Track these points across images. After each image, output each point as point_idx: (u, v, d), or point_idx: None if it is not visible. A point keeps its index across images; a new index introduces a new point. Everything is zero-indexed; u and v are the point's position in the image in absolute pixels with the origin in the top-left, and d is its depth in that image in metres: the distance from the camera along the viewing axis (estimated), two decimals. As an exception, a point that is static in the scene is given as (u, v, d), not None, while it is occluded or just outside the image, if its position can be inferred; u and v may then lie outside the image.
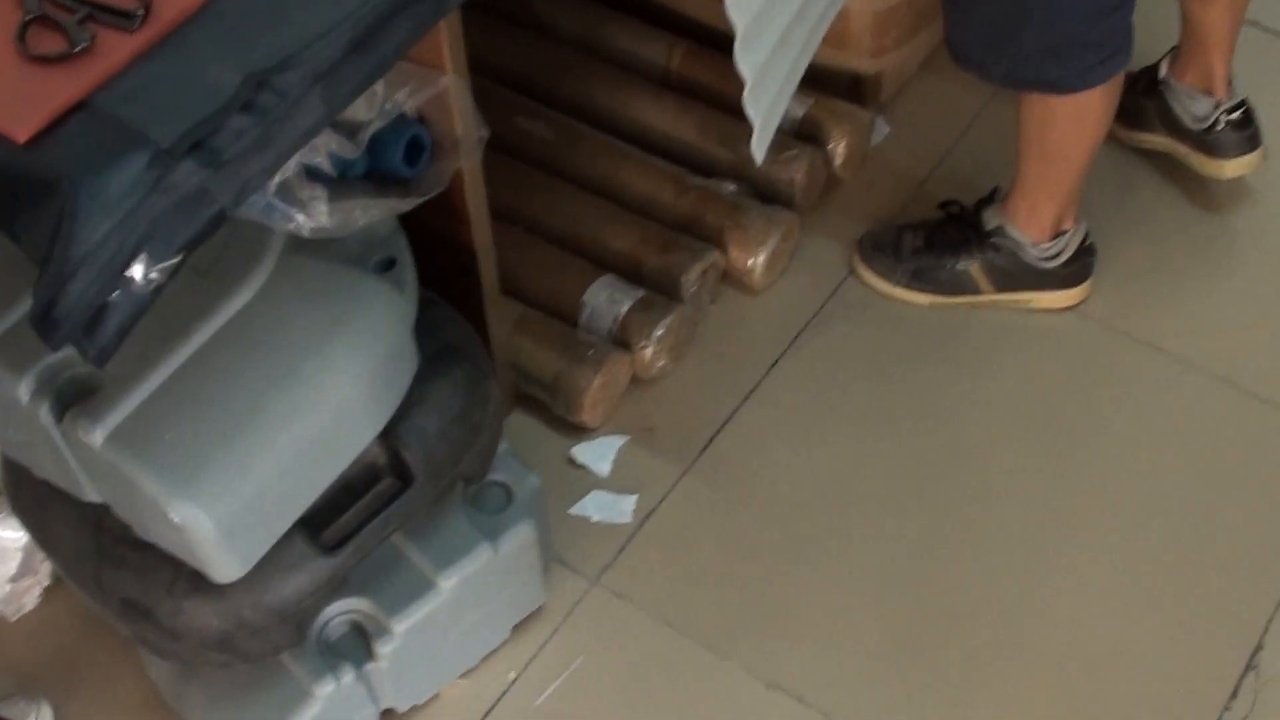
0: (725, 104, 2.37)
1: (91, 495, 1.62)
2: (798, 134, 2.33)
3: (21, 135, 1.28)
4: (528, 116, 2.36)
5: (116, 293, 1.28)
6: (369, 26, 1.37)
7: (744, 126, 2.31)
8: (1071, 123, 1.99)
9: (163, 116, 1.29)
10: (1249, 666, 1.90)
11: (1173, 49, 2.26)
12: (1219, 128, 2.23)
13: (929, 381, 2.17)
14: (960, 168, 2.40)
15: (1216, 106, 2.22)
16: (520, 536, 1.83)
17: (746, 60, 1.61)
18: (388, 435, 1.69)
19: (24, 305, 1.56)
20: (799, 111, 2.34)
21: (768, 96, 1.71)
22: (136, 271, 1.28)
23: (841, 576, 2.00)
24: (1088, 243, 2.19)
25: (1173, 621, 1.95)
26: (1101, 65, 1.92)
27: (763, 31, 1.63)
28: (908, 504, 2.06)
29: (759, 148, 1.74)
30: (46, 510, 1.74)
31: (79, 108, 1.30)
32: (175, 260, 1.29)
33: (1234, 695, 1.88)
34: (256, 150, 1.32)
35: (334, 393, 1.59)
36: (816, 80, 2.31)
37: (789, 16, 1.66)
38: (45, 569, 1.99)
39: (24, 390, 1.55)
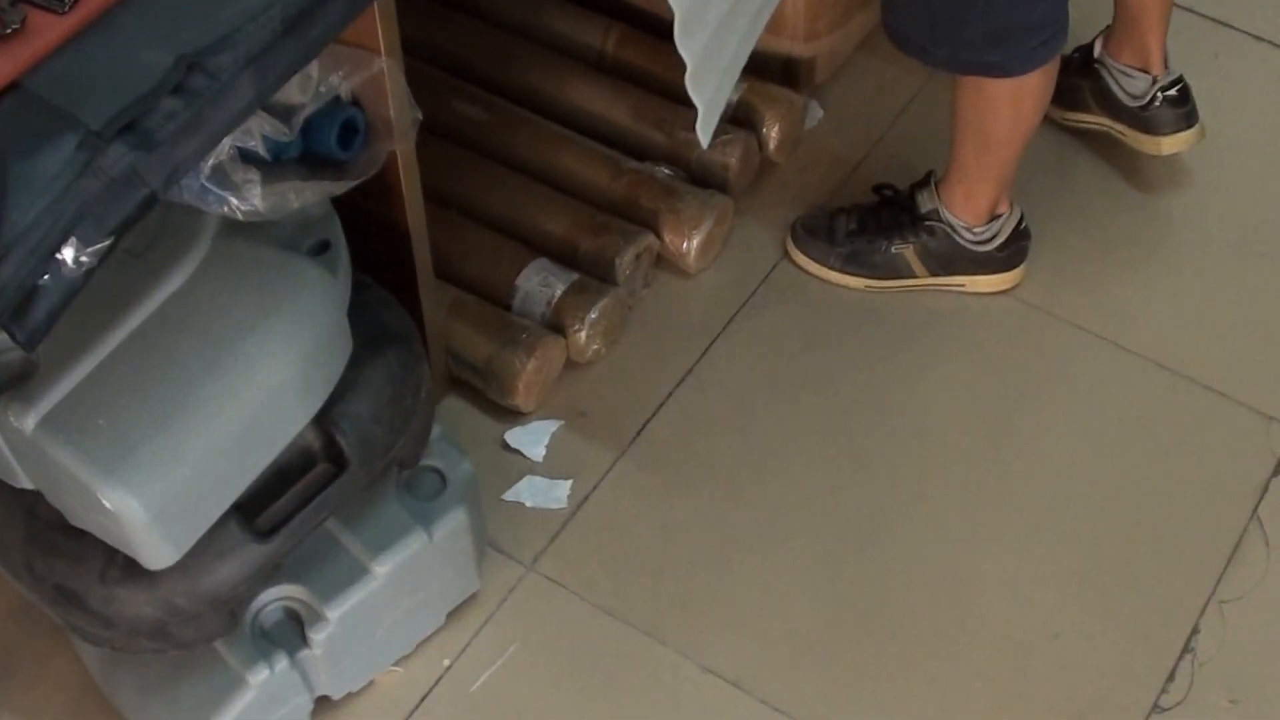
0: (660, 88, 2.37)
1: (24, 482, 1.60)
2: (732, 118, 2.33)
3: (-51, 129, 1.26)
4: (463, 100, 2.34)
5: (46, 276, 1.26)
6: (302, 8, 1.36)
7: (679, 110, 2.33)
8: (1009, 106, 2.00)
9: (93, 98, 1.27)
10: (1185, 649, 1.92)
11: (1106, 28, 2.27)
12: (1156, 104, 2.24)
13: (864, 366, 2.18)
14: (895, 151, 2.41)
15: (1153, 84, 2.23)
16: (454, 522, 1.82)
17: (687, 44, 1.61)
18: (321, 420, 1.68)
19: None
20: (733, 96, 2.34)
21: (711, 80, 1.71)
22: (67, 254, 1.26)
23: (776, 561, 2.00)
24: (1022, 226, 2.20)
25: (1109, 605, 1.96)
26: (1042, 47, 1.93)
27: (704, 15, 1.63)
28: (843, 489, 2.06)
29: (704, 131, 1.74)
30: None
31: (9, 89, 1.28)
32: (106, 243, 1.27)
33: (1170, 678, 1.90)
34: (188, 133, 1.31)
35: (267, 377, 1.58)
36: (750, 64, 2.30)
37: (728, 4, 1.66)
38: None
39: (-48, 377, 1.53)
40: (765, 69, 2.38)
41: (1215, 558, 2.00)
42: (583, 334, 2.10)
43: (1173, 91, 2.24)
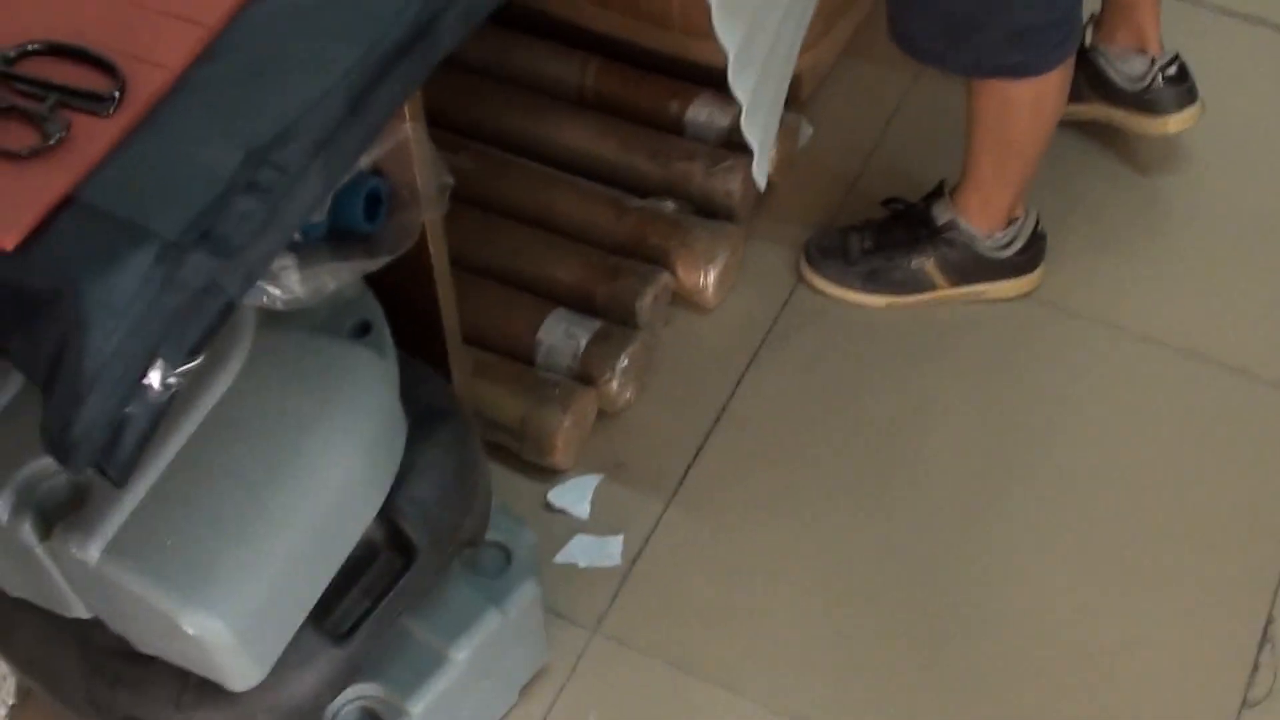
0: (646, 118, 2.31)
1: (78, 611, 1.51)
2: (726, 144, 2.27)
3: (9, 242, 1.16)
4: (445, 150, 2.25)
5: (132, 405, 1.17)
6: (364, 87, 1.28)
7: (670, 140, 2.27)
8: (1030, 108, 1.95)
9: (162, 206, 1.18)
10: (1264, 640, 1.89)
11: (1093, 17, 2.23)
12: (1157, 85, 2.21)
13: (897, 385, 2.12)
14: (891, 160, 2.36)
15: (1152, 64, 2.20)
16: (526, 596, 1.74)
17: (741, 83, 1.55)
18: (384, 508, 1.59)
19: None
20: (724, 121, 2.28)
21: (761, 117, 1.64)
22: (154, 378, 1.17)
23: (840, 596, 1.94)
24: (1039, 228, 2.15)
25: (1178, 605, 1.92)
26: (1061, 45, 1.89)
27: (752, 52, 1.57)
28: (898, 513, 2.01)
29: (760, 173, 1.68)
30: (18, 629, 1.62)
31: (66, 205, 1.19)
32: (195, 363, 1.19)
33: (1254, 671, 1.87)
34: (263, 233, 1.22)
35: (335, 473, 1.49)
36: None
37: (773, 33, 1.60)
38: (8, 687, 1.85)
39: (1, 508, 1.43)
40: (752, 89, 2.32)
41: (1277, 541, 1.96)
42: (614, 383, 2.03)
43: (1172, 69, 2.21)
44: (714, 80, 2.29)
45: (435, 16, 1.32)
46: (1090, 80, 2.26)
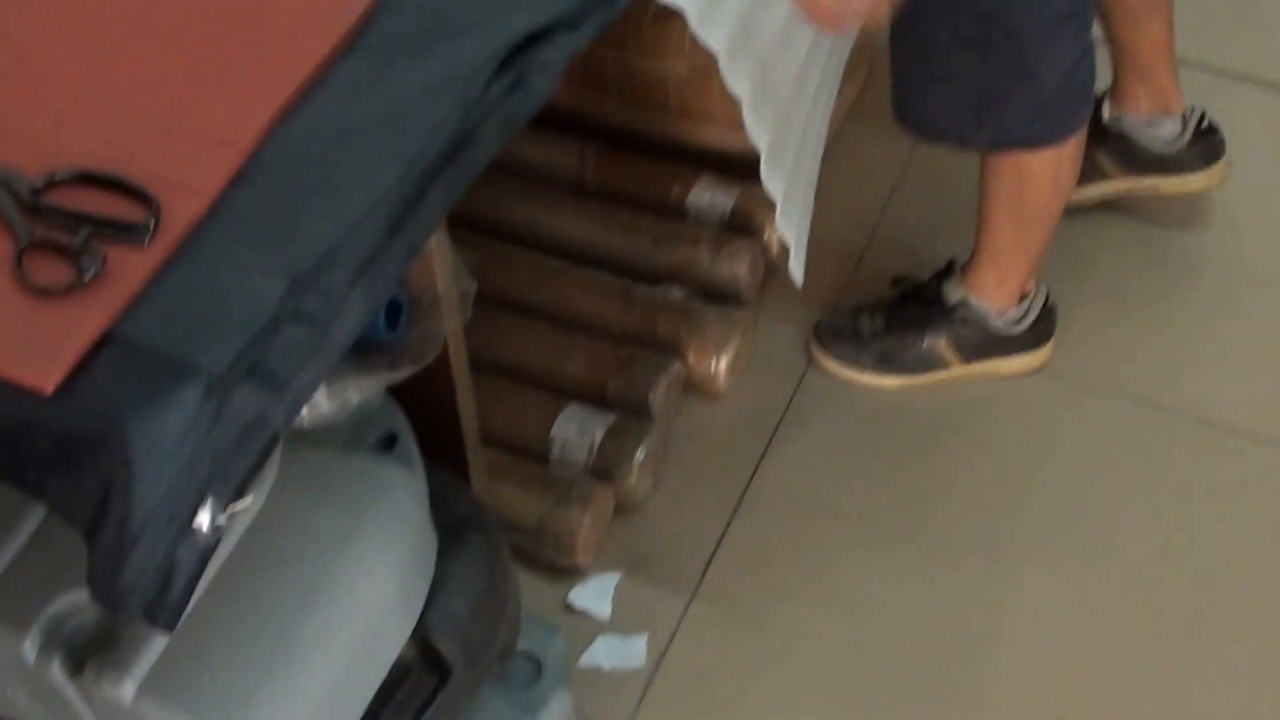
0: (648, 204, 2.28)
1: (110, 750, 1.45)
2: (729, 226, 2.24)
3: (49, 385, 1.11)
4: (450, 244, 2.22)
5: (181, 547, 1.12)
6: (404, 205, 1.24)
7: (673, 226, 2.24)
8: (1049, 177, 1.93)
9: (207, 338, 1.14)
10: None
11: (1107, 91, 2.22)
12: (1191, 142, 2.20)
13: (914, 468, 2.10)
14: (894, 235, 2.34)
15: (1184, 122, 2.19)
16: (561, 707, 1.70)
17: (774, 180, 1.52)
18: (416, 626, 1.54)
19: (14, 545, 1.40)
20: (727, 204, 2.25)
21: (796, 213, 1.61)
22: (203, 520, 1.13)
23: (873, 682, 1.90)
24: (1049, 301, 2.14)
25: (1204, 676, 1.89)
26: (1079, 111, 1.88)
27: (783, 149, 1.54)
28: (925, 597, 1.98)
29: (797, 267, 1.64)
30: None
31: (105, 342, 1.14)
32: (246, 502, 1.14)
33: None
34: (309, 361, 1.18)
35: (369, 596, 1.45)
36: (734, 167, 2.24)
37: (802, 126, 1.57)
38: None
39: (29, 647, 1.37)
40: (751, 170, 2.28)
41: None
42: (632, 478, 2.00)
43: (1205, 123, 2.20)
44: (713, 162, 2.28)
45: (474, 129, 1.29)
46: (1116, 155, 2.23)
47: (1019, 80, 1.81)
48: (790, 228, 1.61)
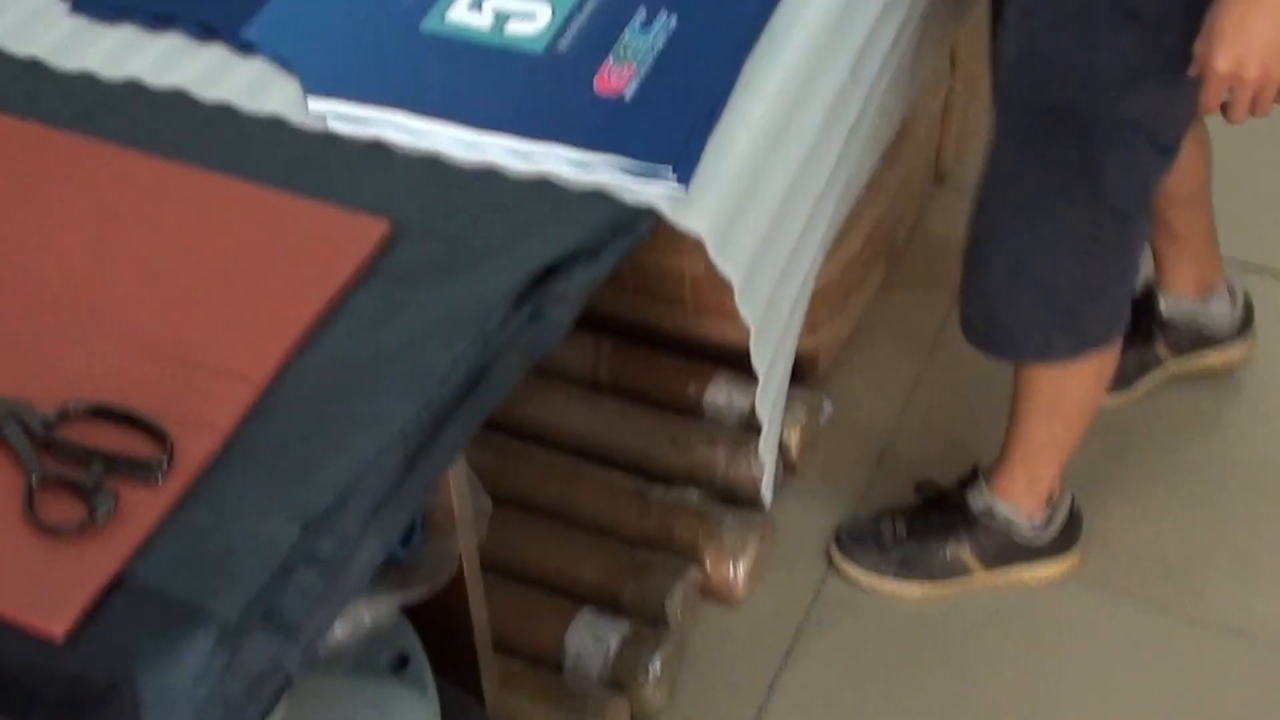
0: (664, 402, 2.26)
1: None
2: (747, 426, 2.22)
3: (59, 631, 1.08)
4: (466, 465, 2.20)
5: (188, 800, 1.09)
6: (420, 443, 1.22)
7: (691, 426, 2.22)
8: (1094, 375, 1.91)
9: (220, 584, 1.11)
10: None
11: (1149, 289, 2.21)
12: (1244, 310, 2.22)
13: (937, 676, 2.05)
14: (916, 438, 2.31)
15: (1231, 293, 2.20)
16: None
17: (761, 355, 1.50)
18: None
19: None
20: (743, 403, 2.23)
21: (773, 391, 1.59)
22: (212, 770, 1.09)
23: None
24: (1074, 505, 2.11)
25: None
26: (1127, 307, 1.87)
27: (774, 322, 1.52)
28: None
29: (767, 450, 1.63)
30: None
31: (116, 585, 1.12)
32: (255, 754, 1.11)
33: None
34: (322, 604, 1.15)
35: (381, 828, 1.41)
36: (750, 365, 2.22)
37: (790, 308, 1.55)
38: None
39: None
40: (770, 369, 2.28)
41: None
42: (648, 689, 1.95)
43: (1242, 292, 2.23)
44: (729, 359, 2.26)
45: (492, 363, 1.27)
46: (1176, 343, 2.24)
47: (1113, 280, 1.79)
48: (766, 405, 1.58)
